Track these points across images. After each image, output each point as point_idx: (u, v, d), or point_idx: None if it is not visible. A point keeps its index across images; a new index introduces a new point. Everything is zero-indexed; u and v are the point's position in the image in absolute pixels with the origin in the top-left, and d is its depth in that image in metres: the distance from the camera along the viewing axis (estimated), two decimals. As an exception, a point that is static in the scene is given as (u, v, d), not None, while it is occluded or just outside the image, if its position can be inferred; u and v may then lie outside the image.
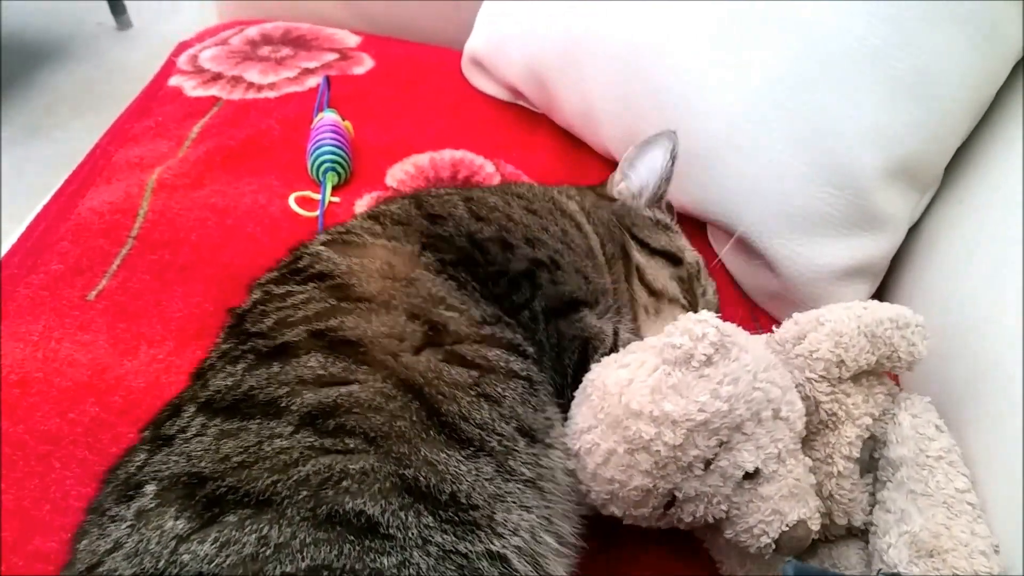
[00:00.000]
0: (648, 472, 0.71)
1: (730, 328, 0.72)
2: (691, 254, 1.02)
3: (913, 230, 1.06)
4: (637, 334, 0.92)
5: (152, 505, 0.62)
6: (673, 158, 1.01)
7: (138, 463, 0.68)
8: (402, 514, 0.61)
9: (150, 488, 0.64)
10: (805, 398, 0.78)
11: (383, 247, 0.85)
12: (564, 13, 1.27)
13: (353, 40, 1.60)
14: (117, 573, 0.59)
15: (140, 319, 1.02)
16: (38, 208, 1.23)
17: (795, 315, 0.82)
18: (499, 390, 0.74)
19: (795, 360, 0.79)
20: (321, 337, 0.73)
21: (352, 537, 0.59)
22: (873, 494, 0.80)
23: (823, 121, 0.99)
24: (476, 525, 0.64)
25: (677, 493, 0.73)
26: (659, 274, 0.98)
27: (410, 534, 0.60)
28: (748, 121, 1.04)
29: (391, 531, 0.60)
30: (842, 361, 0.77)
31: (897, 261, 1.07)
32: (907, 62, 0.95)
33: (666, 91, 1.13)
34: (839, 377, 0.78)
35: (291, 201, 1.19)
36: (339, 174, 1.23)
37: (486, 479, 0.68)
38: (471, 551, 0.62)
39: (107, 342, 0.99)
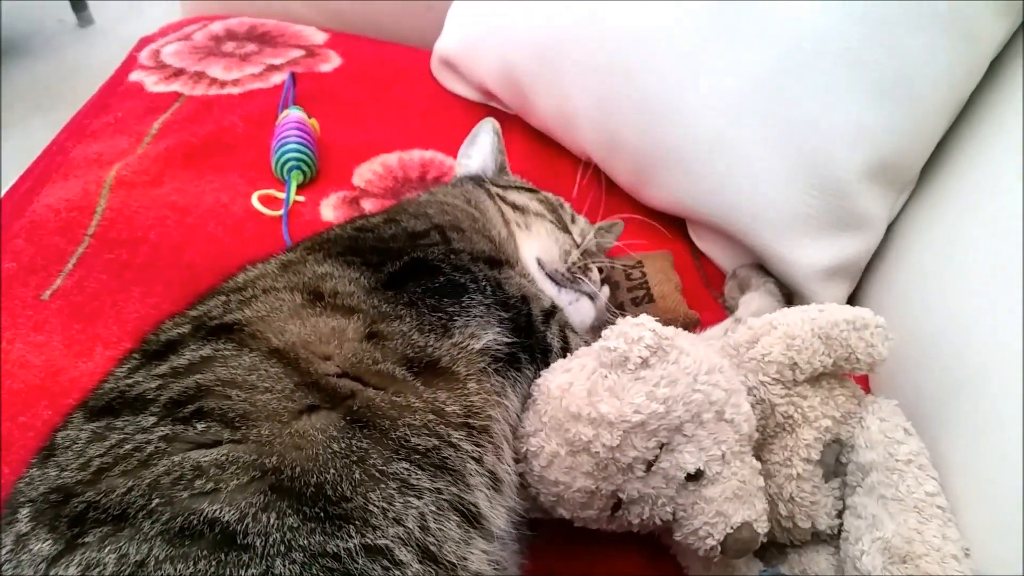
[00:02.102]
0: (590, 474, 0.71)
1: (669, 331, 0.72)
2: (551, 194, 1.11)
3: (889, 229, 1.07)
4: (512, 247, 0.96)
5: (27, 529, 0.60)
6: (498, 135, 1.14)
7: (25, 480, 0.66)
8: (263, 517, 0.57)
9: (24, 512, 0.61)
10: (760, 401, 0.77)
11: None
12: (539, 14, 1.26)
13: (320, 37, 1.58)
14: None
15: (96, 320, 0.99)
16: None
17: (749, 320, 0.82)
18: (387, 331, 0.72)
19: (748, 364, 0.79)
20: (202, 327, 0.72)
21: (206, 552, 0.55)
22: (841, 499, 0.80)
23: (804, 122, 0.99)
24: (346, 518, 0.59)
25: (621, 495, 0.72)
26: (518, 196, 1.05)
27: (271, 540, 0.56)
28: (729, 122, 1.04)
29: (249, 539, 0.56)
30: (795, 364, 0.77)
31: (870, 261, 1.08)
32: (887, 63, 0.95)
33: (646, 92, 1.12)
34: (794, 380, 0.78)
35: (254, 200, 1.16)
36: (304, 172, 1.21)
37: (359, 458, 0.62)
38: (342, 548, 0.57)
39: (61, 343, 0.96)
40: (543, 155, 1.36)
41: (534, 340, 0.82)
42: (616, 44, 1.15)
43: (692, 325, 1.07)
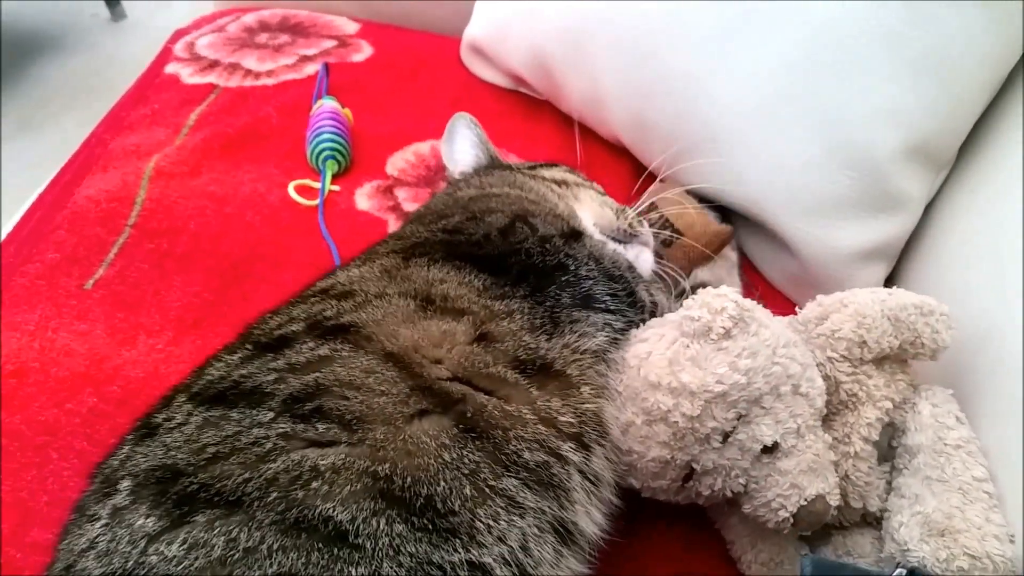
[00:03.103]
0: (666, 443, 0.71)
1: (749, 303, 0.72)
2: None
3: (926, 211, 1.05)
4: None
5: (126, 502, 0.61)
6: (475, 127, 1.13)
7: (121, 456, 0.67)
8: (373, 521, 0.58)
9: (125, 484, 0.62)
10: (826, 377, 0.77)
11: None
12: (567, -2, 1.25)
13: (352, 27, 1.59)
14: (86, 573, 0.58)
15: (138, 308, 1.00)
16: (33, 198, 1.21)
17: (819, 296, 0.81)
18: (497, 332, 0.72)
19: (817, 340, 0.78)
20: (318, 326, 0.72)
21: (320, 545, 0.56)
22: (890, 482, 0.79)
23: (839, 102, 0.98)
24: (453, 532, 0.60)
25: (695, 465, 0.73)
26: (550, 172, 1.06)
27: (380, 543, 0.57)
28: (762, 104, 1.03)
29: (360, 540, 0.57)
30: (864, 342, 0.77)
31: (909, 243, 1.06)
32: (922, 41, 0.94)
33: (677, 75, 1.11)
34: (861, 358, 0.78)
35: (291, 190, 1.17)
36: (339, 162, 1.22)
37: (470, 471, 0.63)
38: (447, 561, 0.59)
39: (104, 332, 0.97)
40: (575, 141, 1.35)
41: (635, 306, 0.82)
42: (645, 26, 1.14)
43: (728, 237, 1.09)
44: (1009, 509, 0.72)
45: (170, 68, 1.43)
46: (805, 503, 0.71)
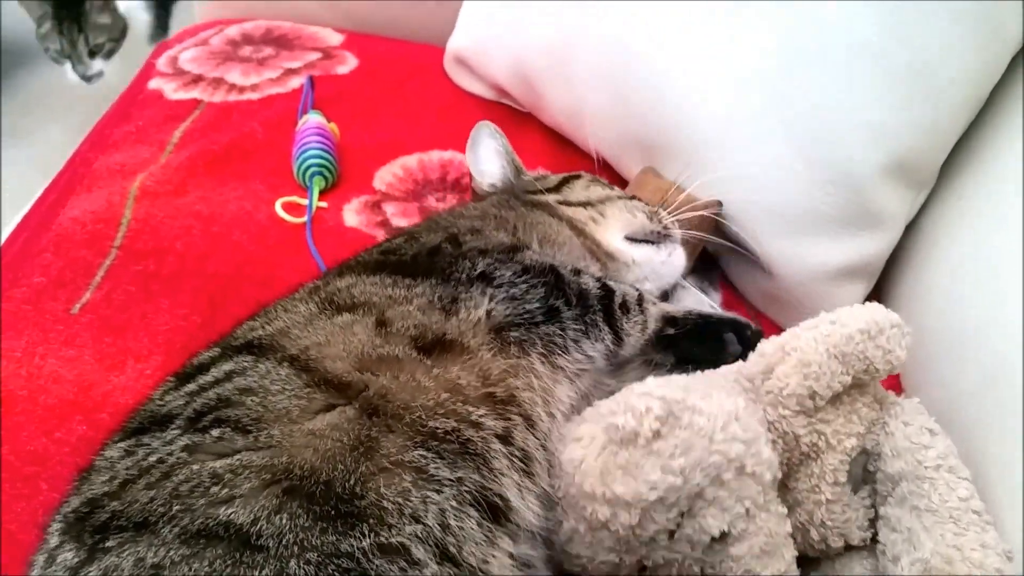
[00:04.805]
0: (612, 548, 0.69)
1: (677, 392, 0.69)
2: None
3: (910, 228, 1.05)
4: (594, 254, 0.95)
5: (56, 543, 0.62)
6: (498, 137, 1.09)
7: (63, 502, 0.68)
8: (276, 519, 0.57)
9: (55, 527, 0.64)
10: (783, 434, 0.75)
11: None
12: (549, 10, 1.25)
13: (336, 38, 1.58)
14: None
15: (126, 332, 1.00)
16: (18, 217, 1.20)
17: (760, 346, 0.78)
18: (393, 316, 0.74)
19: (766, 397, 0.75)
20: (228, 347, 0.74)
21: (222, 552, 0.56)
22: (872, 507, 0.79)
23: (820, 118, 0.98)
24: (360, 516, 0.58)
25: (646, 562, 0.70)
26: (576, 192, 1.04)
27: (284, 541, 0.56)
28: (742, 118, 1.03)
29: (263, 541, 0.56)
30: (814, 393, 0.73)
31: (895, 260, 1.06)
32: (905, 57, 0.94)
33: (657, 89, 1.11)
34: (815, 407, 0.75)
35: (278, 207, 1.16)
36: (326, 178, 1.21)
37: (367, 448, 0.62)
38: (356, 548, 0.57)
39: (92, 357, 0.97)
40: (560, 153, 1.35)
41: (567, 295, 0.81)
42: (628, 41, 1.14)
43: (717, 207, 1.07)
44: (1002, 518, 0.72)
45: (153, 83, 1.42)
46: None
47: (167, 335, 1.00)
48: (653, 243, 0.98)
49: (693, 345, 0.85)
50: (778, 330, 1.06)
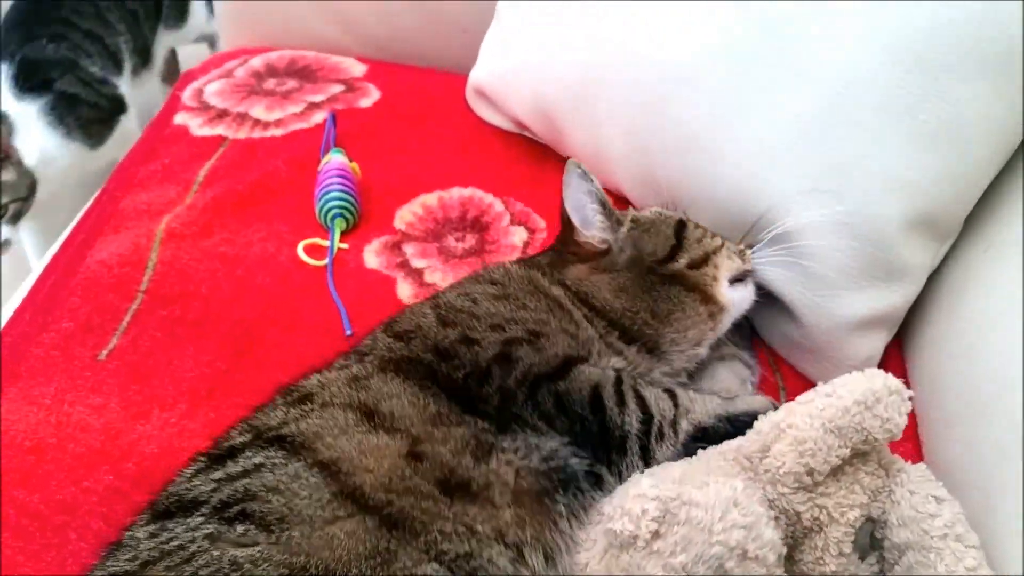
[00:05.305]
0: None
1: (672, 489, 0.70)
2: (669, 213, 1.03)
3: (934, 276, 1.05)
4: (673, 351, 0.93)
5: None
6: (584, 176, 0.98)
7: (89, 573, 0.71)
8: None
9: None
10: (783, 511, 0.75)
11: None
12: (573, 49, 1.25)
13: (359, 69, 1.59)
14: None
15: (151, 380, 1.01)
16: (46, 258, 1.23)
17: (756, 423, 0.79)
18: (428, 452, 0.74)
19: (764, 475, 0.76)
20: (260, 436, 0.75)
21: None
22: (882, 571, 0.79)
23: (845, 170, 0.97)
24: None
25: None
26: (692, 247, 0.97)
27: None
28: (766, 166, 1.02)
29: None
30: (811, 469, 0.74)
31: (919, 310, 1.06)
32: (933, 112, 0.93)
33: (681, 132, 1.10)
34: (814, 483, 0.75)
35: (299, 250, 1.18)
36: (347, 220, 1.22)
37: (384, 560, 0.65)
38: None
39: (119, 405, 0.99)
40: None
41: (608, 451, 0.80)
42: (651, 83, 1.14)
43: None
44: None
45: (179, 118, 1.44)
46: None
47: (191, 383, 1.01)
48: (742, 281, 0.99)
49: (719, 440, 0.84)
50: (800, 379, 1.08)
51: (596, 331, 0.90)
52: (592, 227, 0.97)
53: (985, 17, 0.91)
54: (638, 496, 0.69)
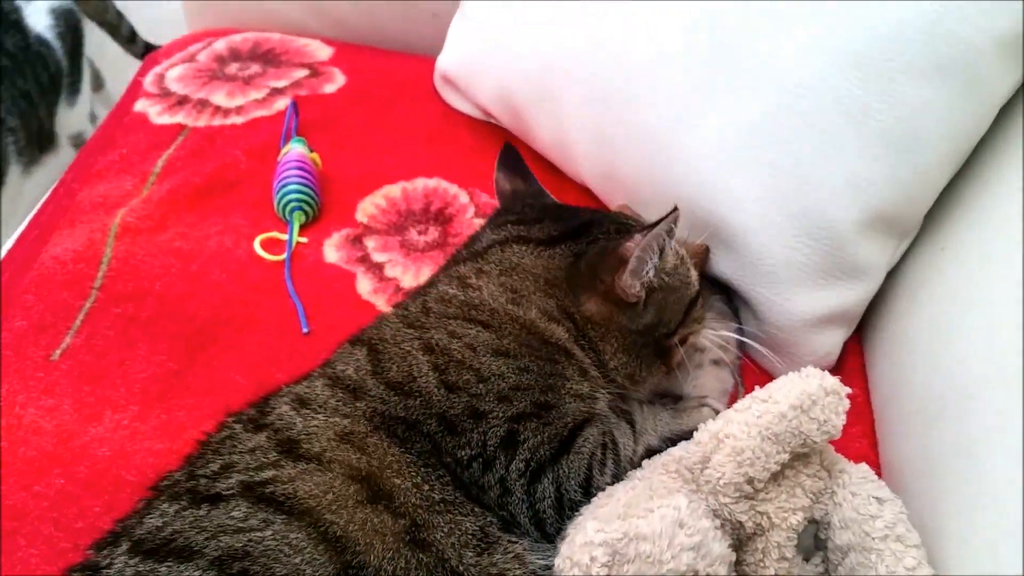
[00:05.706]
0: None
1: (616, 528, 0.69)
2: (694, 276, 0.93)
3: (894, 273, 1.05)
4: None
5: None
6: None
7: None
8: None
9: None
10: (727, 520, 0.76)
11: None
12: (537, 40, 1.23)
13: (325, 52, 1.56)
14: None
15: (103, 381, 1.00)
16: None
17: (696, 433, 0.78)
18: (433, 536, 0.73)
19: (706, 486, 0.76)
20: (253, 491, 0.72)
21: None
22: (826, 572, 0.80)
23: (800, 171, 0.97)
24: None
25: None
26: (688, 329, 0.92)
27: None
28: (724, 166, 1.01)
29: None
30: (750, 478, 0.74)
31: (878, 307, 1.06)
32: (888, 114, 0.92)
33: (643, 128, 1.09)
34: (754, 490, 0.75)
35: (256, 245, 1.16)
36: (307, 213, 1.21)
37: None
38: None
39: (71, 407, 0.98)
40: (550, 180, 1.32)
41: None
42: (613, 80, 1.12)
43: (706, 254, 1.05)
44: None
45: (139, 105, 1.41)
46: None
47: (144, 384, 1.00)
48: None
49: None
50: (763, 374, 1.08)
51: (595, 375, 0.86)
52: (642, 278, 0.85)
53: (939, 18, 0.90)
54: (585, 545, 0.69)
